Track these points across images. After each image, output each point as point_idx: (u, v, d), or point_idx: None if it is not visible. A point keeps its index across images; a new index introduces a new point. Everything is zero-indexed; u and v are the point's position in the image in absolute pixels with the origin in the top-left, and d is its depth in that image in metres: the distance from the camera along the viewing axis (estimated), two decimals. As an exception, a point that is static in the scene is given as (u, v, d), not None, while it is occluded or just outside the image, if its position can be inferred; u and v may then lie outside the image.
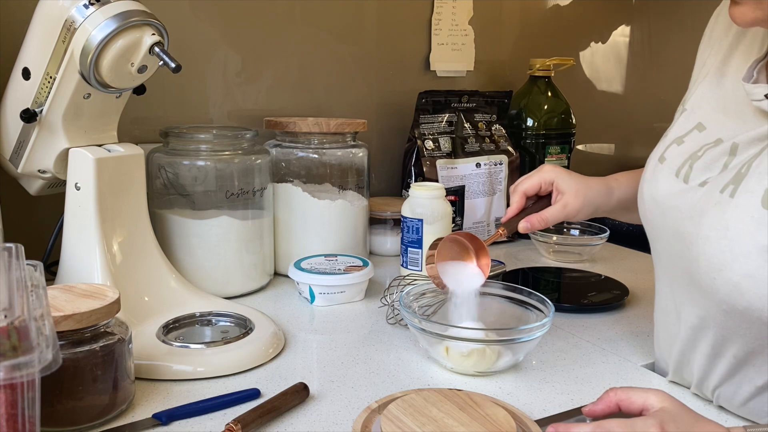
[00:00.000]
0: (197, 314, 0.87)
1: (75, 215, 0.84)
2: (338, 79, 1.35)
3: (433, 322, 0.78)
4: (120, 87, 0.82)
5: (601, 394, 0.73)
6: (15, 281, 0.52)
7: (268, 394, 0.70)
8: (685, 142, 0.70)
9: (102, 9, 0.76)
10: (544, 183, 0.89)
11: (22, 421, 0.45)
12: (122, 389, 0.66)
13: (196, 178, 0.99)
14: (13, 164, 0.90)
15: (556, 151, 1.43)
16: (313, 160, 1.13)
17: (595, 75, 1.73)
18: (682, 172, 0.68)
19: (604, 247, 1.29)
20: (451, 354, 0.77)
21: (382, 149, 1.41)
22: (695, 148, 0.68)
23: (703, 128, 0.69)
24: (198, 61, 1.19)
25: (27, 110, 0.82)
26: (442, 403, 0.64)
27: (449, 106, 1.34)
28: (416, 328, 0.78)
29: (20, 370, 0.43)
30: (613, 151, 1.82)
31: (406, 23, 1.41)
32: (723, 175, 0.63)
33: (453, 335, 0.76)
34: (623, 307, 1.01)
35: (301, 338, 0.87)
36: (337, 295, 0.99)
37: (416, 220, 1.06)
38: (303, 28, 1.29)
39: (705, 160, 0.66)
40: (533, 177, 0.90)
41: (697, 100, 0.72)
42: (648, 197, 0.72)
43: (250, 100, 1.26)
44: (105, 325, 0.66)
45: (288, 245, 1.11)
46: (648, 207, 0.73)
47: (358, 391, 0.73)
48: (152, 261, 0.90)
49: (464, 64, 1.49)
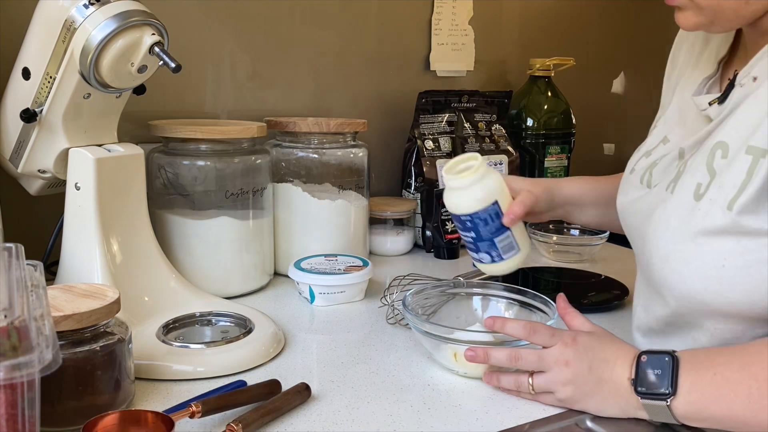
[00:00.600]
0: (197, 314, 0.87)
1: (75, 215, 0.84)
2: (338, 79, 1.35)
3: (438, 325, 0.76)
4: (120, 87, 0.82)
5: (601, 394, 0.73)
6: (15, 281, 0.52)
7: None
8: (652, 154, 0.76)
9: (102, 9, 0.76)
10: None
11: (22, 421, 0.45)
12: (122, 389, 0.66)
13: (196, 178, 0.99)
14: (13, 164, 0.90)
15: (556, 151, 1.43)
16: (313, 160, 1.13)
17: (595, 75, 1.73)
18: (645, 178, 0.75)
19: (604, 247, 1.29)
20: (460, 359, 0.74)
21: (382, 149, 1.41)
22: (657, 157, 0.75)
23: (667, 141, 0.75)
24: (198, 62, 1.19)
25: (27, 110, 0.82)
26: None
27: (449, 106, 1.34)
28: (421, 332, 0.77)
29: (20, 370, 0.43)
30: (613, 151, 1.82)
31: (406, 23, 1.41)
32: (669, 176, 0.70)
33: (462, 338, 0.74)
34: (623, 307, 1.01)
35: (301, 338, 0.87)
36: (337, 295, 0.99)
37: (490, 206, 0.77)
38: (303, 28, 1.29)
39: (661, 166, 0.73)
40: None
41: (666, 117, 0.78)
42: (620, 206, 0.79)
43: (250, 100, 1.26)
44: (105, 325, 0.66)
45: (288, 245, 1.11)
46: (620, 215, 0.79)
47: (358, 391, 0.73)
48: (152, 261, 0.90)
49: (464, 64, 1.49)
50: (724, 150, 0.62)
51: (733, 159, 0.61)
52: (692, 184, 0.64)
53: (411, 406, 0.70)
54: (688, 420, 0.61)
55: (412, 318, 0.78)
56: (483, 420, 0.67)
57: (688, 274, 0.63)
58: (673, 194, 0.67)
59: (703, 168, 0.64)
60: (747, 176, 0.59)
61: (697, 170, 0.64)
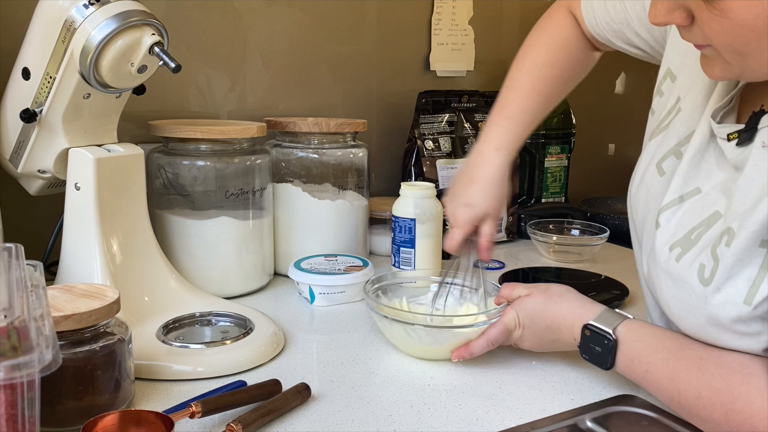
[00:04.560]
0: (197, 314, 0.87)
1: (75, 215, 0.84)
2: (338, 79, 1.35)
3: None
4: (120, 87, 0.82)
5: (600, 393, 0.73)
6: (15, 281, 0.52)
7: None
8: (683, 153, 0.69)
9: (102, 9, 0.76)
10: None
11: (22, 421, 0.45)
12: (122, 389, 0.66)
13: (196, 178, 0.99)
14: (13, 164, 0.90)
15: (556, 151, 1.43)
16: (313, 160, 1.13)
17: (595, 75, 1.73)
18: (663, 165, 0.71)
19: (604, 247, 1.29)
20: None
21: (382, 149, 1.41)
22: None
23: (680, 111, 0.70)
24: (198, 62, 1.19)
25: (27, 110, 0.82)
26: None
27: (449, 106, 1.34)
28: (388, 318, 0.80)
29: (20, 370, 0.43)
30: (613, 151, 1.82)
31: (406, 23, 1.41)
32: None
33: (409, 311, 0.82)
34: (623, 307, 1.01)
35: (301, 338, 0.87)
36: (337, 295, 0.99)
37: (408, 219, 1.06)
38: (303, 28, 1.29)
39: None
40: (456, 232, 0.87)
41: (691, 101, 0.71)
42: (643, 202, 0.73)
43: (250, 100, 1.26)
44: (105, 325, 0.66)
45: (288, 245, 1.11)
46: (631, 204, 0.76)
47: (358, 391, 0.73)
48: (152, 261, 0.90)
49: (464, 64, 1.49)
50: (730, 238, 0.58)
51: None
52: (696, 264, 0.61)
53: (411, 406, 0.70)
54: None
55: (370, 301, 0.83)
56: (483, 420, 0.67)
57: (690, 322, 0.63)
58: (678, 264, 0.63)
59: (708, 250, 0.60)
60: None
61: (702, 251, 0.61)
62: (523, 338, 0.77)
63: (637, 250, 0.75)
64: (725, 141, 0.62)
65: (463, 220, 0.84)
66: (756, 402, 0.56)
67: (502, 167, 0.84)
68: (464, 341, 0.78)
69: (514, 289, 0.79)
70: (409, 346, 0.81)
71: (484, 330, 0.77)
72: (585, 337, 0.70)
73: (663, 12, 0.55)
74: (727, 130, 0.62)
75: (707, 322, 0.60)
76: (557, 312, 0.74)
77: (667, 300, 0.65)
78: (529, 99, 0.86)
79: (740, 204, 0.58)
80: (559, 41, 0.88)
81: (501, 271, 1.17)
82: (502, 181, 0.84)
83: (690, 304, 0.61)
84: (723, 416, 0.58)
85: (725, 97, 0.65)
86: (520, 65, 0.89)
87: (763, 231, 0.55)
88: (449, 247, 0.85)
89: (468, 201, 0.84)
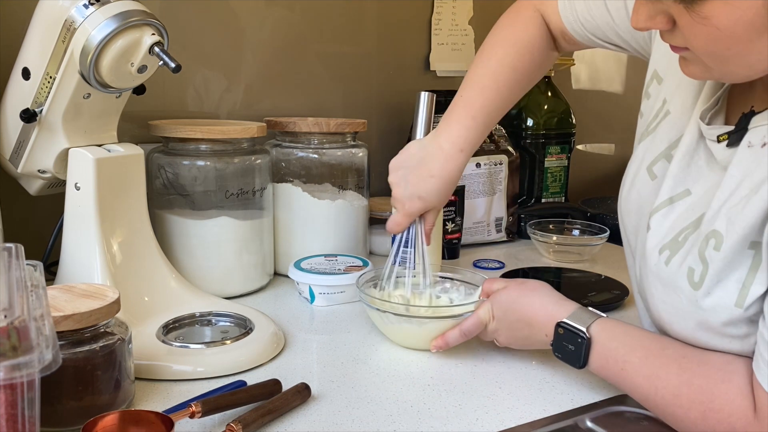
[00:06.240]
0: (197, 314, 0.87)
1: (75, 215, 0.84)
2: (338, 79, 1.35)
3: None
4: (120, 87, 0.82)
5: (600, 393, 0.73)
6: (15, 281, 0.52)
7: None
8: (673, 155, 0.68)
9: (102, 9, 0.76)
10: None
11: (22, 421, 0.45)
12: (122, 389, 0.66)
13: (196, 178, 0.99)
14: (13, 164, 0.90)
15: (556, 151, 1.43)
16: (313, 160, 1.13)
17: (595, 75, 1.73)
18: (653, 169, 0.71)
19: (604, 247, 1.29)
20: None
21: (382, 149, 1.40)
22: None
23: (668, 112, 0.70)
24: (198, 62, 1.19)
25: (27, 110, 0.82)
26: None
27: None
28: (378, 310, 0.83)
29: (20, 370, 0.43)
30: (613, 151, 1.82)
31: (406, 23, 1.41)
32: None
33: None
34: (623, 307, 1.01)
35: (301, 338, 0.87)
36: (337, 295, 0.99)
37: None
38: (303, 28, 1.29)
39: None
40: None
41: (678, 103, 0.70)
42: (635, 207, 0.73)
43: (250, 100, 1.26)
44: (105, 325, 0.66)
45: (288, 245, 1.11)
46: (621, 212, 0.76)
47: (358, 391, 0.73)
48: (152, 261, 0.90)
49: (464, 64, 1.49)
50: (718, 241, 0.58)
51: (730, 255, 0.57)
52: (684, 267, 0.61)
53: (411, 406, 0.70)
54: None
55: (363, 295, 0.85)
56: (483, 420, 0.67)
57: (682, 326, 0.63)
58: (667, 267, 0.63)
59: (695, 252, 0.60)
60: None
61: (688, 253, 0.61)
62: (498, 331, 0.78)
63: (629, 255, 0.75)
64: (715, 142, 0.62)
65: (412, 211, 0.87)
66: (736, 401, 0.56)
67: (462, 169, 0.86)
68: (437, 332, 0.81)
69: (494, 283, 0.81)
70: (390, 333, 0.86)
71: (460, 322, 0.80)
72: (558, 335, 0.70)
73: (644, 17, 0.55)
74: (717, 132, 0.62)
75: (697, 326, 0.60)
76: (528, 305, 0.75)
77: (657, 305, 0.65)
78: (492, 101, 0.87)
79: (718, 201, 0.58)
80: (525, 43, 0.87)
81: (501, 271, 1.17)
82: (457, 182, 0.87)
83: (680, 308, 0.61)
84: (700, 415, 0.58)
85: (712, 99, 0.65)
86: (486, 63, 0.88)
87: (752, 233, 0.55)
88: (393, 230, 0.89)
89: (422, 195, 0.85)
